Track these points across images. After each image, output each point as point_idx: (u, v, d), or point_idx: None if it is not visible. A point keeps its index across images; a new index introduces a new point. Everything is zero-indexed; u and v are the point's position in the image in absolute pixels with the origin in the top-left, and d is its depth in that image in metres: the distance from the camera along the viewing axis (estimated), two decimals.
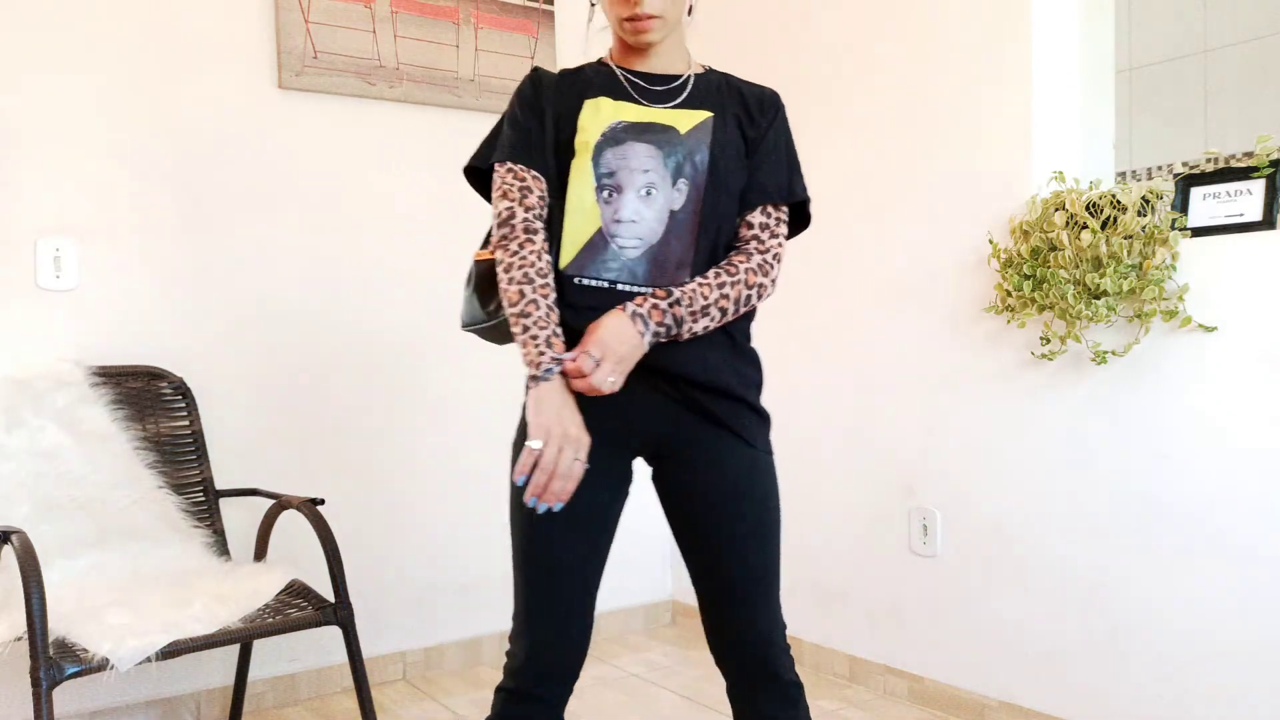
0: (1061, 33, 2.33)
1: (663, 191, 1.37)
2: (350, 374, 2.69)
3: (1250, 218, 1.95)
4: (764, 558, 1.43)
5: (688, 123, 1.40)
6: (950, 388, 2.47)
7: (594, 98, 1.41)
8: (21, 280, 2.27)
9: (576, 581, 1.40)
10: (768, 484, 1.44)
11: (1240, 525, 1.95)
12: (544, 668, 1.41)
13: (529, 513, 1.38)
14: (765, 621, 1.44)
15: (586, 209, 1.38)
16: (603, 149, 1.38)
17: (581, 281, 1.37)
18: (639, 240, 1.37)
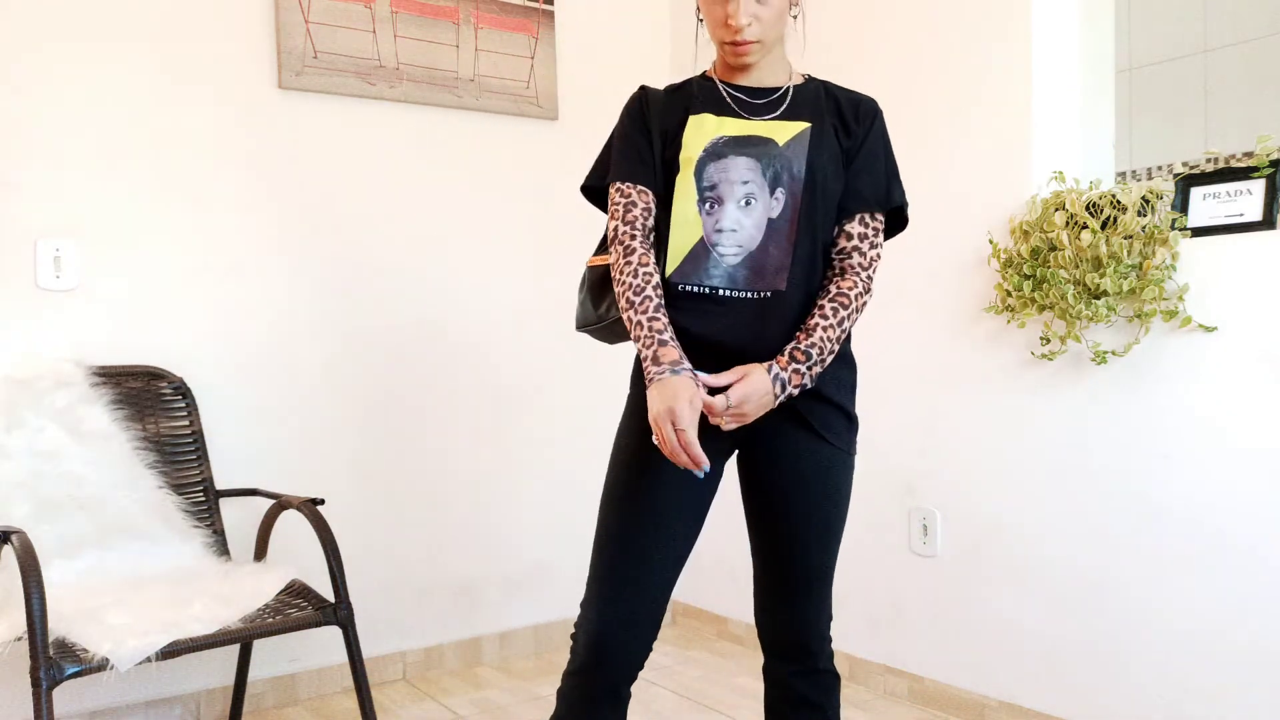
0: (1061, 33, 2.33)
1: (761, 201, 1.45)
2: (350, 374, 2.69)
3: (1250, 218, 1.95)
4: (827, 553, 1.52)
5: (786, 134, 1.47)
6: (950, 388, 2.47)
7: (698, 113, 1.50)
8: (21, 280, 2.27)
9: (657, 572, 1.46)
10: (843, 483, 1.52)
11: (1240, 526, 1.95)
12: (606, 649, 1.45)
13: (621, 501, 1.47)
14: (816, 612, 1.54)
15: (690, 220, 1.46)
16: (705, 163, 1.46)
17: (686, 288, 1.46)
18: (739, 248, 1.44)
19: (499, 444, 2.94)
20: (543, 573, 3.03)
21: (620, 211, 1.49)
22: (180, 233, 2.45)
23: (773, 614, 1.56)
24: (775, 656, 1.58)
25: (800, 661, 1.55)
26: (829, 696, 1.56)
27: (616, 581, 1.45)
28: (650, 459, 1.47)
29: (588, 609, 1.48)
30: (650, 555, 1.46)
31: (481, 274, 2.90)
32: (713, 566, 3.12)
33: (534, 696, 2.63)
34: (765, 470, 1.51)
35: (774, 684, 1.59)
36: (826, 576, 1.54)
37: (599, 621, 1.45)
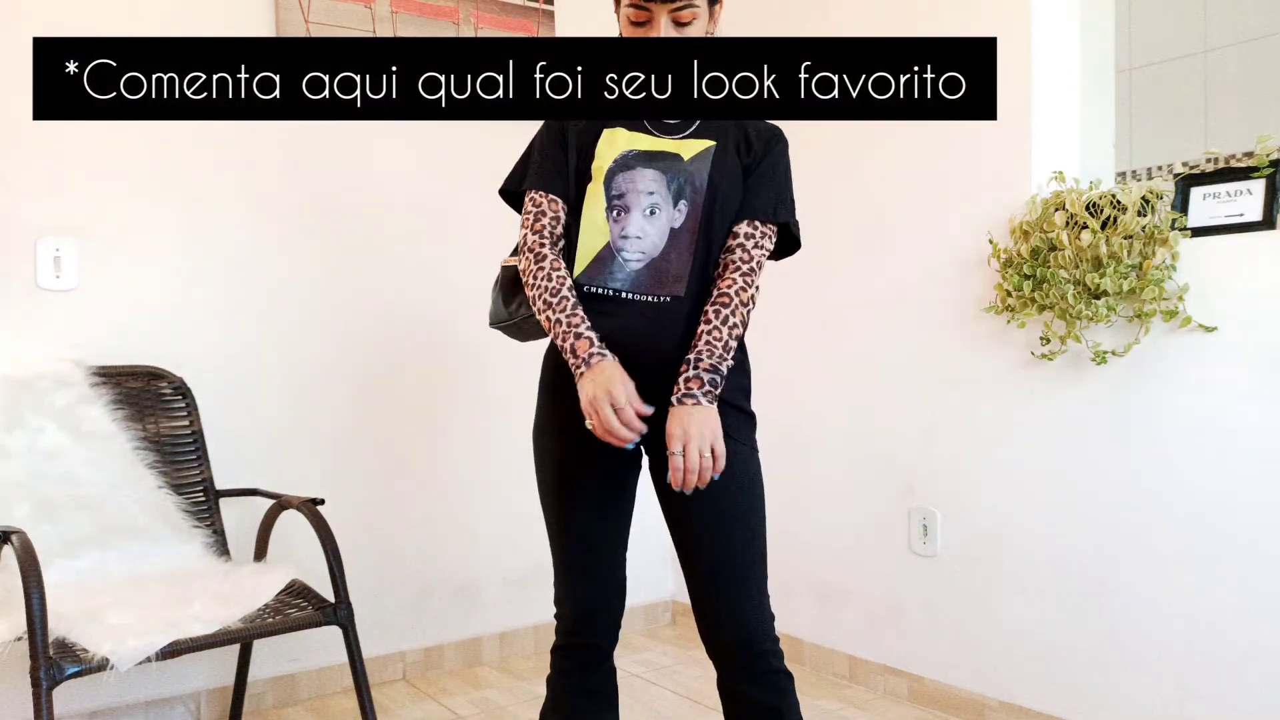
0: (1061, 33, 2.33)
1: (665, 211, 1.54)
2: (350, 374, 2.69)
3: (1250, 218, 1.95)
4: (744, 546, 1.54)
5: (691, 151, 1.56)
6: (950, 388, 2.47)
7: (611, 128, 1.58)
8: (21, 280, 2.27)
9: (603, 546, 1.61)
10: (747, 474, 1.56)
11: (1240, 525, 1.95)
12: (584, 621, 1.62)
13: (554, 495, 1.60)
14: (747, 608, 1.54)
15: (598, 226, 1.55)
16: (614, 174, 1.55)
17: (591, 289, 1.55)
18: (642, 254, 1.54)
19: (499, 444, 2.94)
20: (543, 573, 3.02)
21: (531, 220, 1.59)
22: (180, 233, 2.45)
23: (711, 618, 1.55)
24: (725, 665, 1.56)
25: (747, 665, 1.54)
26: (783, 698, 1.54)
27: (576, 569, 1.62)
28: (574, 457, 1.57)
29: (563, 590, 1.64)
30: (602, 540, 1.61)
31: (481, 274, 2.90)
32: None
33: (534, 696, 2.63)
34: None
35: (730, 697, 1.58)
36: (752, 570, 1.54)
37: (578, 598, 1.62)
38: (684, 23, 1.52)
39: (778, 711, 1.54)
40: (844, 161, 2.72)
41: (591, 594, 1.62)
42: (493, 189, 2.91)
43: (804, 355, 2.85)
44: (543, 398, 1.65)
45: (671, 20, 1.52)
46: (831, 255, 2.76)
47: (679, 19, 1.52)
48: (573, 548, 1.61)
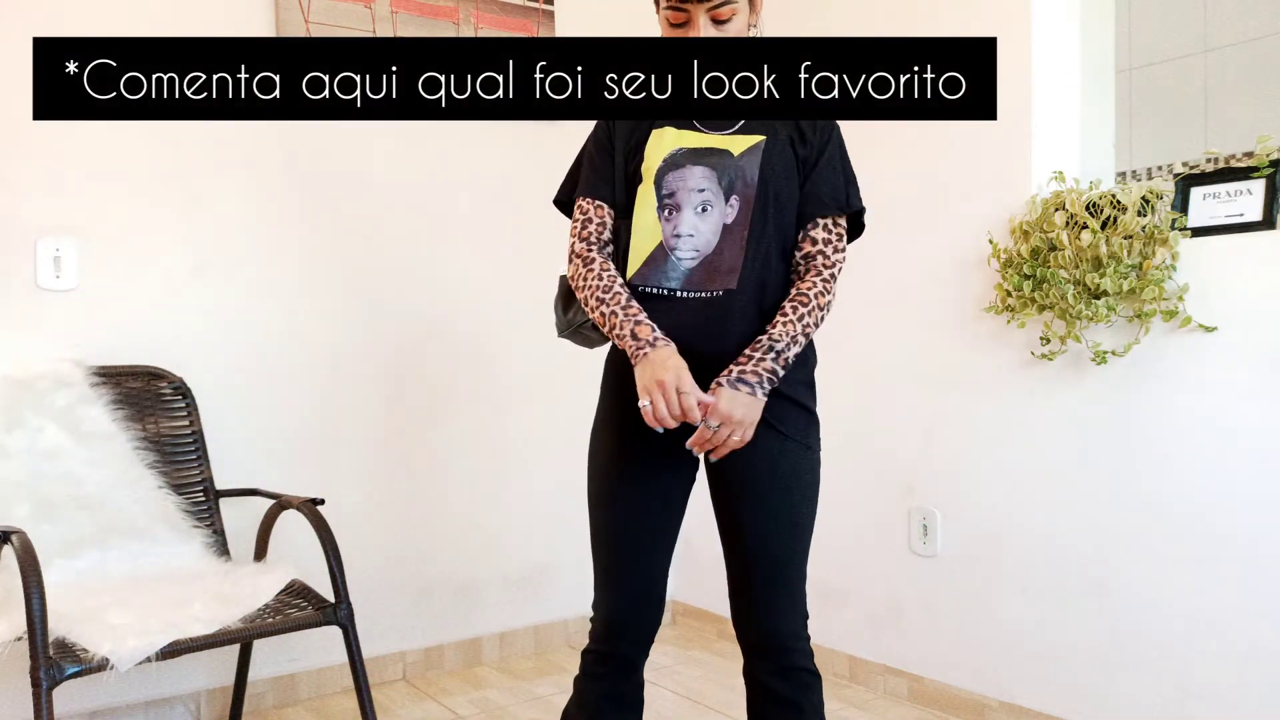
0: (1061, 33, 2.33)
1: (717, 207, 1.53)
2: (350, 374, 2.69)
3: (1250, 218, 1.95)
4: (790, 545, 1.56)
5: (740, 146, 1.54)
6: (950, 388, 2.47)
7: (660, 128, 1.57)
8: (21, 280, 2.27)
9: (648, 560, 1.58)
10: (803, 476, 1.58)
11: (1240, 525, 1.95)
12: (618, 628, 1.60)
13: (599, 498, 1.59)
14: (785, 605, 1.55)
15: (649, 227, 1.54)
16: (664, 173, 1.54)
17: (645, 290, 1.54)
18: (695, 251, 1.53)
19: (499, 444, 2.94)
20: (543, 573, 3.03)
21: (578, 228, 1.61)
22: (180, 233, 2.45)
23: (744, 608, 1.58)
24: (752, 655, 1.60)
25: (776, 659, 1.56)
26: (807, 694, 1.57)
27: (617, 575, 1.59)
28: (629, 459, 1.57)
29: (599, 595, 1.62)
30: (641, 547, 1.58)
31: (481, 274, 2.90)
32: (712, 566, 3.12)
33: (534, 696, 2.63)
34: (727, 464, 1.55)
35: (753, 684, 1.61)
36: (793, 569, 1.56)
37: (611, 607, 1.60)
38: (723, 20, 1.51)
39: (798, 707, 1.56)
40: None
41: (625, 603, 1.60)
42: (492, 189, 2.93)
43: None
44: (604, 398, 1.64)
45: (710, 19, 1.51)
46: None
47: (717, 16, 1.51)
48: (611, 553, 1.59)
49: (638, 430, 1.54)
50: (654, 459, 1.56)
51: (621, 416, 1.58)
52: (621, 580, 1.59)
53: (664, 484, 1.58)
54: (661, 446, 1.55)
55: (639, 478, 1.57)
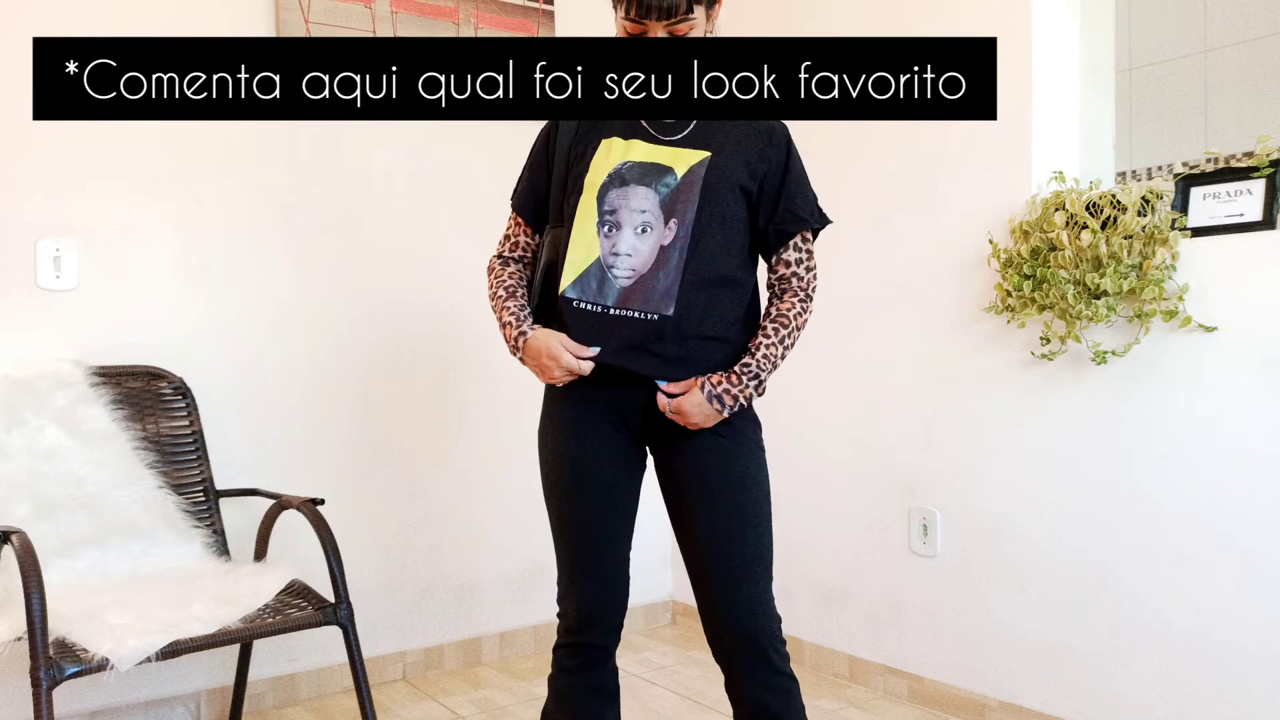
0: (1061, 33, 2.33)
1: (656, 229, 1.54)
2: (351, 374, 2.69)
3: (1250, 218, 1.95)
4: (745, 543, 1.55)
5: (685, 164, 1.56)
6: (950, 388, 2.47)
7: (608, 137, 1.59)
8: (21, 280, 2.27)
9: (607, 547, 1.62)
10: (752, 472, 1.58)
11: (1240, 525, 1.95)
12: (587, 619, 1.63)
13: (560, 494, 1.62)
14: (750, 606, 1.54)
15: (589, 241, 1.56)
16: (607, 189, 1.56)
17: (581, 305, 1.56)
18: (632, 271, 1.54)
19: (499, 444, 2.94)
20: (543, 573, 3.03)
21: (501, 241, 1.73)
22: (180, 233, 2.45)
23: (710, 618, 1.57)
24: (728, 663, 1.58)
25: (751, 663, 1.55)
26: (786, 698, 1.56)
27: (587, 567, 1.63)
28: (576, 457, 1.60)
29: (566, 590, 1.65)
30: (606, 537, 1.62)
31: (481, 274, 2.90)
32: None
33: (534, 696, 2.63)
34: (680, 470, 1.59)
35: (736, 699, 1.59)
36: (753, 566, 1.55)
37: (584, 597, 1.63)
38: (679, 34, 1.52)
39: (778, 716, 1.55)
40: (844, 161, 2.72)
41: (595, 592, 1.62)
42: (492, 189, 2.93)
43: (804, 355, 2.85)
44: (548, 395, 1.67)
45: (667, 31, 1.52)
46: (832, 255, 2.76)
47: (674, 33, 1.51)
48: (576, 545, 1.62)
49: (586, 426, 1.59)
50: (605, 453, 1.60)
51: (566, 414, 1.62)
52: (589, 571, 1.62)
53: (619, 473, 1.62)
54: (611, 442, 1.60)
55: (594, 471, 1.60)
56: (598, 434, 1.60)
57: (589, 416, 1.60)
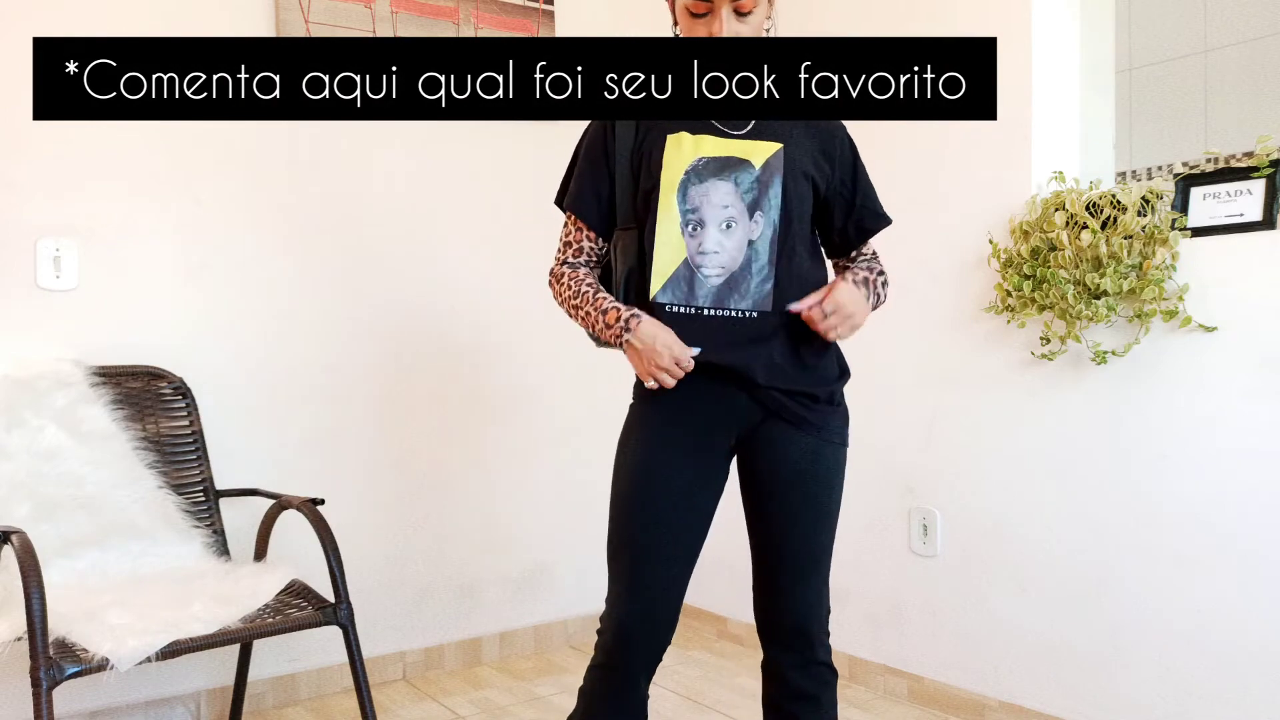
0: (1061, 33, 2.33)
1: (741, 224, 1.52)
2: (351, 374, 2.69)
3: (1250, 218, 1.95)
4: (820, 536, 1.57)
5: (761, 156, 1.54)
6: (950, 388, 2.47)
7: (675, 132, 1.55)
8: (21, 280, 2.27)
9: (664, 566, 1.54)
10: (833, 469, 1.58)
11: (1240, 525, 1.95)
12: (624, 641, 1.55)
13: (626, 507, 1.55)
14: (808, 600, 1.57)
15: (674, 242, 1.53)
16: (686, 187, 1.53)
17: (673, 309, 1.53)
18: (721, 269, 1.52)
19: (499, 444, 2.94)
20: (543, 573, 3.03)
21: (561, 248, 1.65)
22: (180, 233, 2.45)
23: (772, 600, 1.59)
24: (774, 647, 1.60)
25: (799, 651, 1.58)
26: (825, 689, 1.59)
27: (635, 583, 1.54)
28: (663, 468, 1.54)
29: (612, 607, 1.57)
30: (663, 558, 1.54)
31: (482, 274, 2.90)
32: (712, 566, 3.12)
33: (534, 696, 2.63)
34: (760, 461, 1.57)
35: (771, 677, 1.62)
36: (822, 562, 1.58)
37: (623, 618, 1.55)
38: (745, 12, 1.50)
39: (817, 700, 1.58)
40: None
41: (638, 612, 1.54)
42: (493, 189, 2.93)
43: None
44: (636, 407, 1.62)
45: (734, 9, 1.50)
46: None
47: (740, 8, 1.50)
48: (632, 560, 1.54)
49: (673, 439, 1.55)
50: (690, 467, 1.55)
51: (656, 423, 1.57)
52: (641, 589, 1.54)
53: (698, 494, 1.56)
54: (696, 458, 1.55)
55: (674, 485, 1.54)
56: (685, 449, 1.54)
57: (679, 429, 1.55)
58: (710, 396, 1.54)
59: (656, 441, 1.55)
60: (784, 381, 1.54)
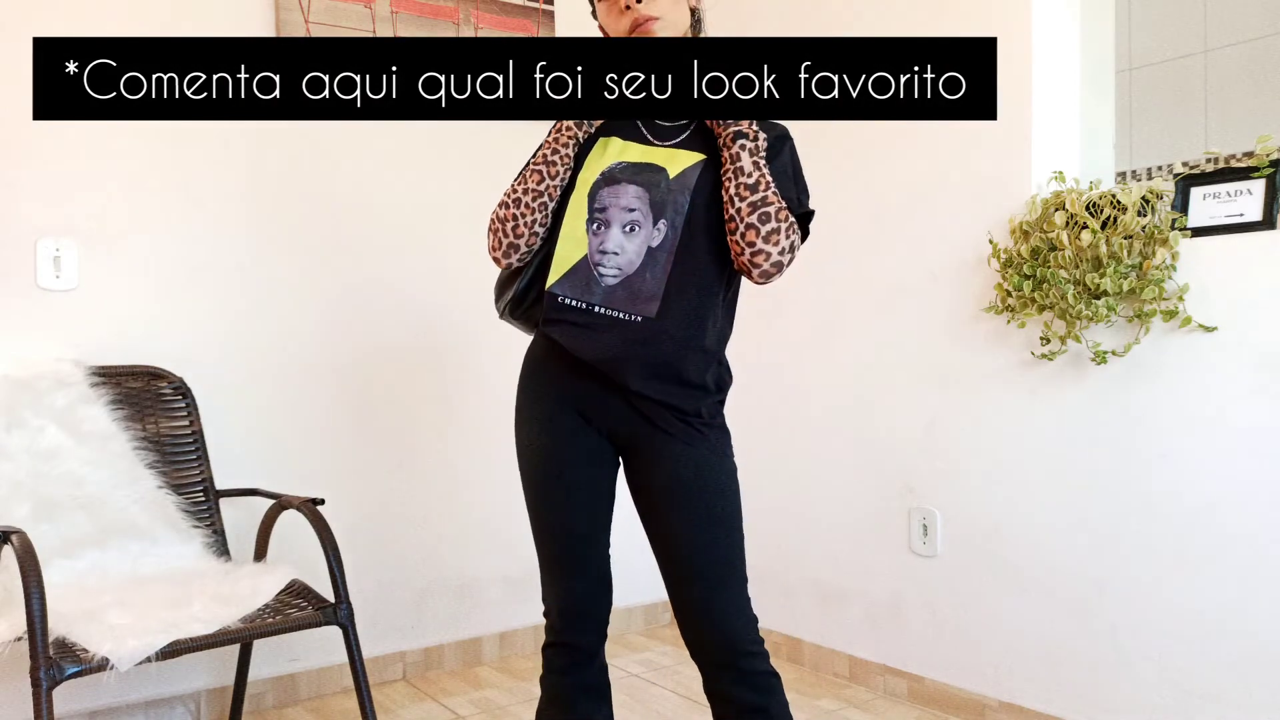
0: (1061, 33, 2.33)
1: (644, 229, 1.53)
2: (350, 374, 2.69)
3: (1250, 218, 1.95)
4: (724, 547, 1.54)
5: (679, 165, 1.55)
6: (950, 388, 2.47)
7: (606, 136, 1.59)
8: (21, 280, 2.27)
9: (584, 545, 1.62)
10: (719, 479, 1.55)
11: (1240, 525, 1.95)
12: (572, 618, 1.64)
13: (535, 491, 1.62)
14: (729, 609, 1.54)
15: (578, 237, 1.55)
16: (599, 187, 1.55)
17: (566, 301, 1.55)
18: (618, 270, 1.53)
19: (499, 444, 2.94)
20: None
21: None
22: (181, 233, 2.45)
23: (689, 616, 1.56)
24: (707, 665, 1.57)
25: (732, 665, 1.54)
26: (771, 696, 1.55)
27: (561, 564, 1.63)
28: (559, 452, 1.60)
29: (549, 589, 1.66)
30: (587, 536, 1.62)
31: (481, 274, 2.90)
32: None
33: (533, 696, 2.63)
34: (649, 477, 1.58)
35: (714, 696, 1.58)
36: (733, 573, 1.54)
37: (565, 597, 1.64)
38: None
39: (765, 711, 1.54)
40: (844, 162, 2.72)
41: (575, 591, 1.63)
42: (493, 189, 2.93)
43: (804, 355, 2.85)
44: (522, 390, 1.66)
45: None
46: (832, 256, 2.76)
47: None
48: (553, 543, 1.62)
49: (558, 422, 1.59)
50: (582, 448, 1.60)
51: (541, 408, 1.61)
52: (568, 568, 1.62)
53: (595, 470, 1.61)
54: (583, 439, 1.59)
55: (572, 470, 1.59)
56: (570, 430, 1.59)
57: (562, 412, 1.59)
58: (587, 391, 1.57)
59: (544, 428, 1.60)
60: (655, 392, 1.53)
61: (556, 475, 1.60)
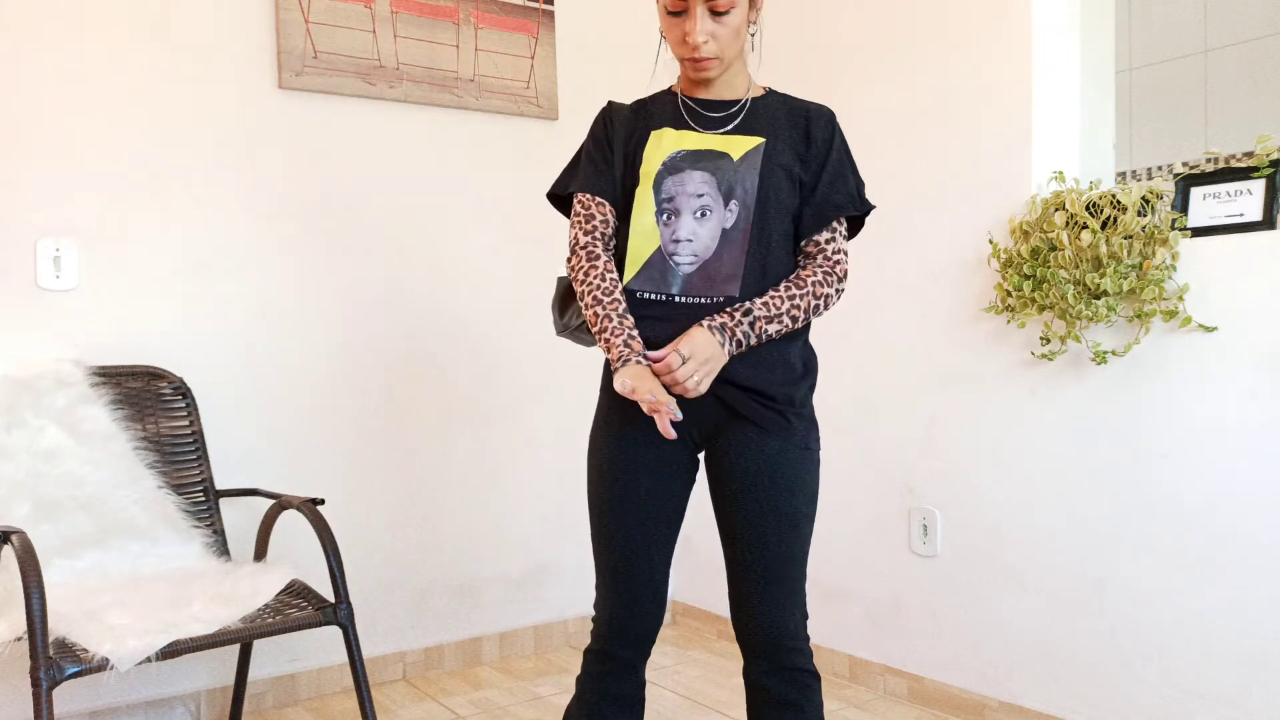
0: (1061, 33, 2.33)
1: (716, 213, 1.54)
2: (350, 374, 2.69)
3: (1250, 218, 1.95)
4: (788, 544, 1.55)
5: (740, 149, 1.55)
6: (950, 388, 2.47)
7: (658, 128, 1.59)
8: (21, 280, 2.27)
9: (646, 560, 1.59)
10: (802, 476, 1.56)
11: (1240, 525, 1.95)
12: (617, 631, 1.62)
13: (600, 500, 1.60)
14: (781, 604, 1.56)
15: (648, 231, 1.55)
16: (663, 177, 1.55)
17: (644, 295, 1.55)
18: (694, 256, 1.53)
19: (499, 444, 2.94)
20: (543, 573, 3.03)
21: (582, 221, 1.61)
22: (180, 232, 2.45)
23: (745, 609, 1.58)
24: (752, 655, 1.60)
25: (776, 659, 1.57)
26: (808, 695, 1.57)
27: (619, 575, 1.60)
28: (628, 461, 1.57)
29: (600, 594, 1.63)
30: (644, 547, 1.59)
31: (481, 274, 2.90)
32: (712, 567, 3.12)
33: (534, 696, 2.63)
34: (726, 465, 1.57)
35: (753, 686, 1.61)
36: (794, 569, 1.56)
37: (612, 607, 1.61)
38: (721, 11, 1.49)
39: (799, 707, 1.56)
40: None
41: (625, 603, 1.60)
42: (495, 188, 2.93)
43: None
44: (604, 398, 1.64)
45: (708, 10, 1.49)
46: None
47: (715, 8, 1.49)
48: (611, 553, 1.59)
49: (637, 430, 1.56)
50: (654, 458, 1.57)
51: (620, 417, 1.59)
52: (624, 580, 1.59)
53: (665, 483, 1.59)
54: (661, 446, 1.57)
55: (640, 477, 1.57)
56: (648, 441, 1.57)
57: (642, 423, 1.56)
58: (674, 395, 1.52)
59: (619, 438, 1.58)
60: (747, 377, 1.53)
61: (624, 487, 1.58)
